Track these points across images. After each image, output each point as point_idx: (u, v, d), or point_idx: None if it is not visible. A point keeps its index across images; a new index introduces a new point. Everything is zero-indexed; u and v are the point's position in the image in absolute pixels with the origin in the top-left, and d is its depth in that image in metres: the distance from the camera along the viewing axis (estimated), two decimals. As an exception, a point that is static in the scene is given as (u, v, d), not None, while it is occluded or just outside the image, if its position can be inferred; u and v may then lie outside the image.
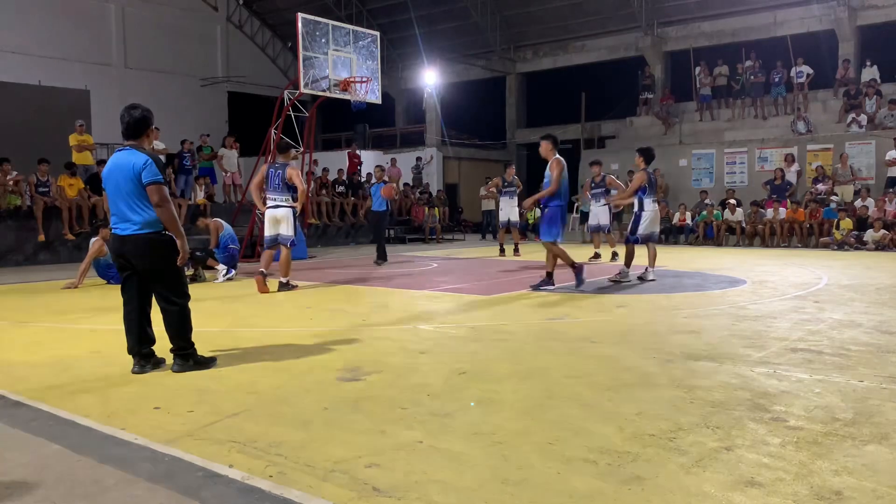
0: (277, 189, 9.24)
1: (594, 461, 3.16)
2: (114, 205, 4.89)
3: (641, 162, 9.89)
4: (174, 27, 26.08)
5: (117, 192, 4.83)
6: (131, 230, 4.80)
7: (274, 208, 9.28)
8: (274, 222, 9.30)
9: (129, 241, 4.82)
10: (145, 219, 4.80)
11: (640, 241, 9.96)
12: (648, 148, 10.28)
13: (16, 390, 4.46)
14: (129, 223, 4.81)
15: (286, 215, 9.26)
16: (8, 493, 2.90)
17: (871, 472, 3.03)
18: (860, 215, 16.51)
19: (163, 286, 4.94)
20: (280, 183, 9.21)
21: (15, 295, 9.48)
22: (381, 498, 2.81)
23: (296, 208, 9.40)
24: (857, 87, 19.88)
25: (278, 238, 9.34)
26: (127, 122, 4.92)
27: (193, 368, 4.94)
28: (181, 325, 4.96)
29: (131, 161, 4.79)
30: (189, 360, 4.97)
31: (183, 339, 4.97)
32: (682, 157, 21.55)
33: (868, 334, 6.02)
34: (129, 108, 4.97)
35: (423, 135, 27.68)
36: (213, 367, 5.02)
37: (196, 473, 3.10)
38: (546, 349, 5.59)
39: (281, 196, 9.26)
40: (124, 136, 4.97)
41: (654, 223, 9.99)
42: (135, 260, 4.86)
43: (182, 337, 4.97)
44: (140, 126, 4.94)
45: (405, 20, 27.39)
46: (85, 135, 15.86)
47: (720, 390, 4.29)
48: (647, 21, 24.04)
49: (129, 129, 4.93)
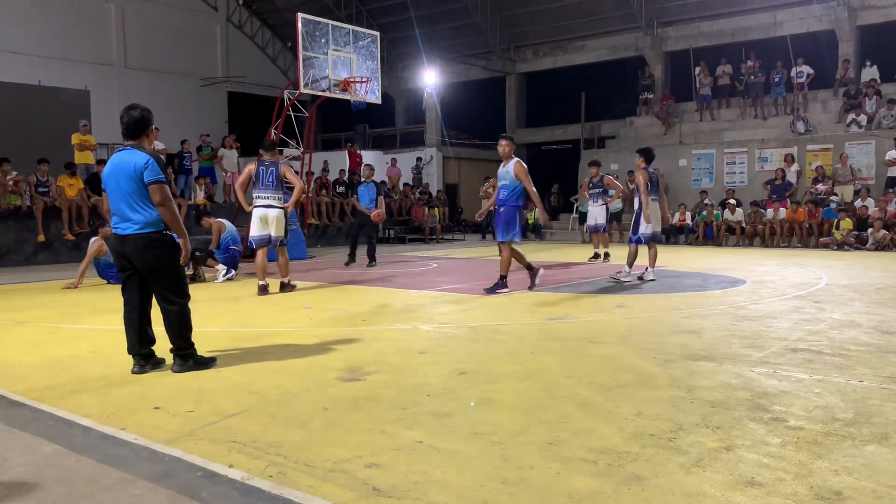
0: (270, 187, 8.95)
1: (594, 461, 3.16)
2: (114, 204, 4.89)
3: (642, 162, 9.95)
4: (174, 27, 26.09)
5: (118, 191, 4.83)
6: (132, 230, 4.80)
7: (265, 207, 8.96)
8: (264, 222, 8.97)
9: (129, 241, 4.82)
10: (146, 218, 4.80)
11: (644, 241, 9.96)
12: (648, 148, 10.43)
13: (15, 390, 4.46)
14: (130, 223, 4.81)
15: (278, 216, 8.99)
16: (8, 494, 2.90)
17: (871, 472, 3.02)
18: (860, 215, 16.51)
19: (163, 286, 4.94)
20: (273, 180, 8.93)
21: (15, 295, 9.48)
22: (381, 498, 2.81)
23: (286, 209, 9.15)
24: (857, 87, 19.88)
25: (270, 239, 9.08)
26: (127, 122, 4.92)
27: (193, 368, 4.94)
28: (181, 325, 4.96)
29: (132, 161, 4.79)
30: (189, 360, 4.97)
31: (183, 339, 4.97)
32: (682, 157, 21.55)
33: (868, 334, 6.02)
34: (128, 109, 4.98)
35: (423, 135, 27.68)
36: (213, 366, 5.02)
37: (196, 473, 3.10)
38: (546, 349, 5.59)
39: (273, 194, 8.99)
40: (124, 136, 4.98)
41: (655, 223, 9.99)
42: (135, 259, 4.86)
43: (182, 337, 4.97)
44: (140, 126, 4.95)
45: (405, 20, 27.39)
46: (88, 135, 15.88)
47: (720, 390, 4.29)
48: (647, 21, 24.03)
49: (129, 129, 4.94)
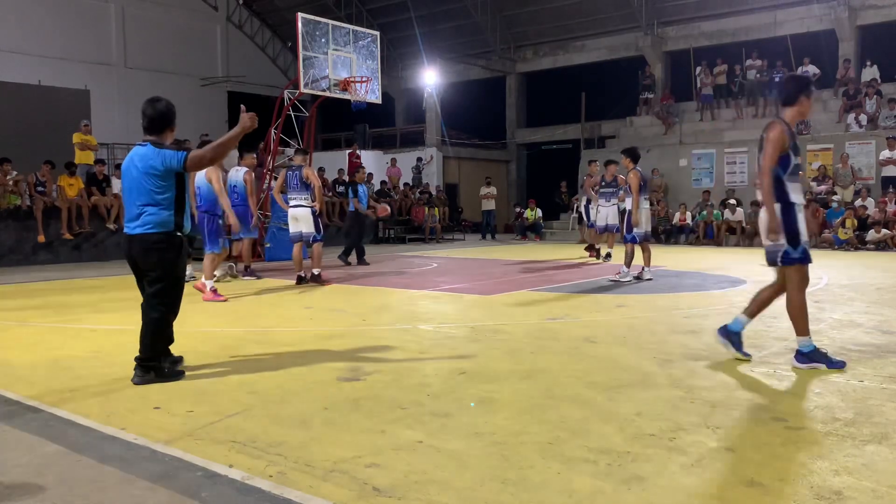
0: (296, 189, 9.95)
1: (594, 461, 3.16)
2: (126, 201, 4.76)
3: (629, 163, 10.00)
4: (174, 27, 26.08)
5: (130, 188, 4.68)
6: (139, 230, 4.63)
7: (295, 207, 9.98)
8: (294, 221, 10.04)
9: (135, 241, 4.65)
10: (154, 219, 4.61)
11: (637, 241, 10.00)
12: (632, 148, 10.55)
13: (15, 390, 4.46)
14: (137, 222, 4.64)
15: (305, 214, 9.93)
16: (8, 494, 2.90)
17: (871, 472, 3.02)
18: (860, 215, 16.52)
19: (155, 288, 4.67)
20: (298, 183, 9.93)
21: (15, 295, 9.48)
22: (381, 498, 2.81)
23: (314, 207, 9.98)
24: (857, 86, 19.88)
25: (302, 236, 10.01)
26: (150, 115, 4.69)
27: (155, 381, 4.60)
28: (155, 335, 4.67)
29: (149, 157, 4.59)
30: (151, 371, 4.65)
31: (152, 350, 4.68)
32: (682, 157, 21.55)
33: (868, 334, 6.02)
34: (151, 101, 4.74)
35: (423, 135, 27.66)
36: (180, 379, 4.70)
37: (196, 473, 3.09)
38: (546, 349, 5.59)
39: (300, 195, 9.96)
40: (145, 131, 4.73)
41: (646, 222, 10.04)
42: (139, 259, 4.70)
43: (152, 347, 4.67)
44: (163, 120, 4.72)
45: (405, 20, 27.39)
46: (89, 135, 15.88)
47: (720, 390, 4.29)
48: (647, 21, 24.03)
49: (152, 124, 4.70)
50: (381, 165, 24.90)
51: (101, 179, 15.21)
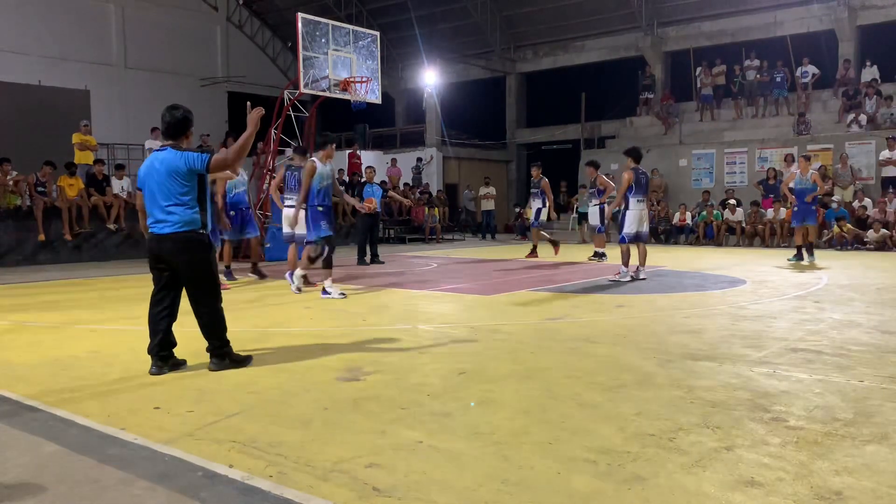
0: (294, 189, 9.83)
1: (594, 461, 3.16)
2: (150, 205, 4.89)
3: (631, 162, 10.02)
4: (174, 27, 26.06)
5: (153, 191, 4.83)
6: (168, 229, 4.80)
7: (290, 208, 9.84)
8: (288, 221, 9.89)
9: (166, 241, 4.82)
10: (182, 218, 4.80)
11: (626, 241, 10.01)
12: (634, 148, 10.59)
13: (15, 390, 4.46)
14: (166, 223, 4.80)
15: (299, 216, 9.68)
16: (8, 494, 2.90)
17: (871, 472, 3.02)
18: (859, 216, 16.51)
19: (196, 287, 4.94)
20: (296, 184, 9.79)
21: (15, 295, 9.48)
22: (381, 498, 2.81)
23: None
24: (857, 87, 19.88)
25: (294, 237, 9.80)
26: (169, 122, 4.93)
27: (230, 367, 4.95)
28: (214, 326, 4.97)
29: (172, 160, 4.80)
30: (225, 358, 4.98)
31: (217, 339, 4.98)
32: (682, 157, 21.56)
33: (868, 334, 6.02)
34: (170, 108, 4.98)
35: (423, 135, 27.65)
36: (248, 365, 5.04)
37: (196, 473, 3.09)
38: (545, 349, 5.59)
39: (296, 196, 9.73)
40: (164, 136, 5.02)
41: (640, 222, 10.02)
42: (171, 259, 4.85)
43: (216, 336, 4.98)
44: (181, 126, 4.95)
45: (405, 20, 27.38)
46: (89, 135, 15.87)
47: (720, 390, 4.29)
48: (647, 21, 24.04)
49: (170, 129, 4.94)
50: (381, 166, 24.85)
51: (101, 179, 15.20)
